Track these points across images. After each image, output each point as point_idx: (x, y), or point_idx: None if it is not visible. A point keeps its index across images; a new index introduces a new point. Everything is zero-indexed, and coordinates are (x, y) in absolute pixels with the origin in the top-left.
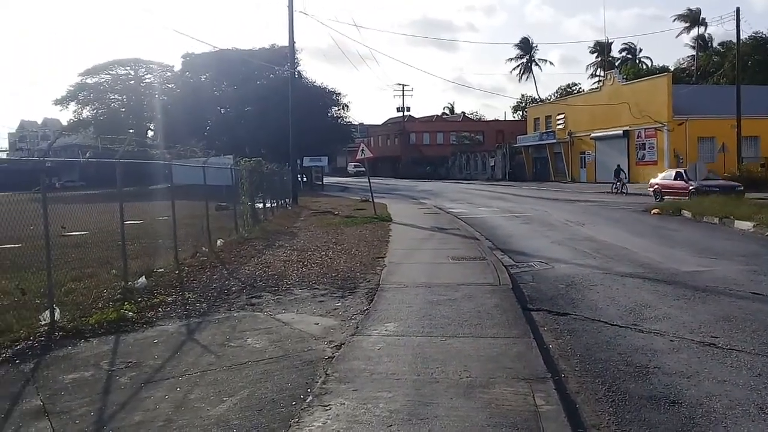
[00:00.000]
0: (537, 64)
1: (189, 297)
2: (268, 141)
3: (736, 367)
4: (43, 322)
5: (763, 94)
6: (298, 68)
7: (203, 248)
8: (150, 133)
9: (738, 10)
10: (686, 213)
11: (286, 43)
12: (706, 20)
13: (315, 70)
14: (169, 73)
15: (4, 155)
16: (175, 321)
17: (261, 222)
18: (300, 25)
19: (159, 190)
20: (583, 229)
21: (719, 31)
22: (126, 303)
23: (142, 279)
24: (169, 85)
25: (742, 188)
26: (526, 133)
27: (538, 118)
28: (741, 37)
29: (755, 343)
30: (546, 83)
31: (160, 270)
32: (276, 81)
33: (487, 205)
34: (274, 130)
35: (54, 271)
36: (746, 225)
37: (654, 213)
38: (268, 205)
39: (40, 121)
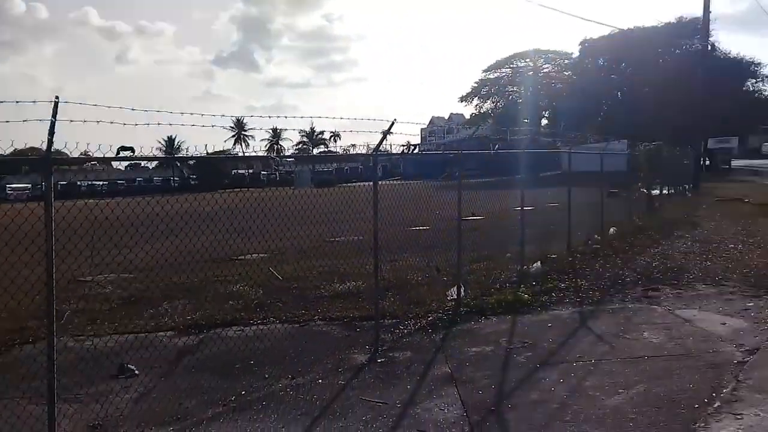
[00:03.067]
0: None
1: (581, 284)
2: (666, 123)
3: None
4: (449, 298)
5: None
6: (710, 39)
7: (595, 236)
8: (544, 122)
9: None
10: None
11: (696, 12)
12: None
13: (728, 41)
14: (566, 61)
15: (417, 148)
16: (568, 307)
17: (656, 210)
18: None
19: (550, 176)
20: None
21: None
22: (521, 286)
23: (537, 264)
24: (566, 73)
25: None
26: None
27: None
28: None
29: None
30: None
31: (553, 256)
32: (680, 58)
33: None
34: (673, 111)
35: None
36: None
37: None
38: (664, 191)
39: (446, 116)
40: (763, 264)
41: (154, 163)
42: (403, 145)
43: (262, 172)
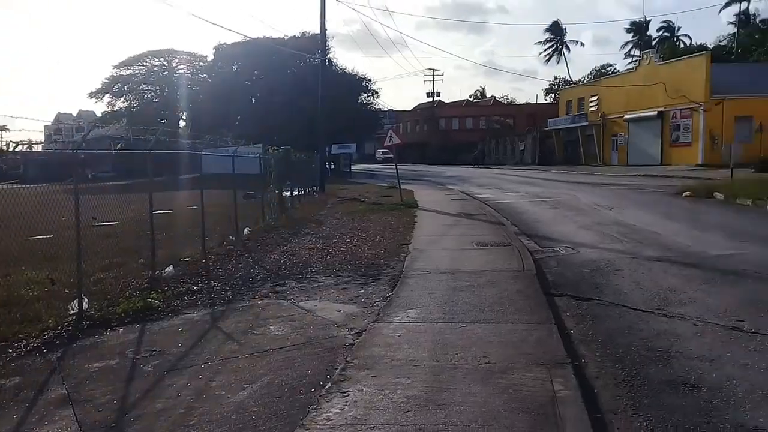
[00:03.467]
0: (567, 48)
1: (215, 285)
2: (297, 129)
3: (760, 351)
4: (71, 312)
5: None
6: (328, 55)
7: (230, 237)
8: (182, 123)
9: None
10: (718, 195)
11: (316, 30)
12: None
13: (345, 58)
14: (201, 64)
15: (39, 147)
16: (200, 309)
17: (288, 210)
18: (331, 12)
19: (188, 179)
20: (612, 213)
21: (763, 6)
22: (153, 292)
23: (170, 268)
24: (202, 76)
25: None
26: (557, 116)
27: (571, 100)
28: None
29: None
30: (579, 64)
31: (188, 259)
32: (306, 69)
33: (515, 190)
34: (303, 117)
35: (84, 261)
36: None
37: (685, 196)
38: (295, 193)
39: (75, 114)
40: (372, 255)
41: None
42: (23, 143)
43: None
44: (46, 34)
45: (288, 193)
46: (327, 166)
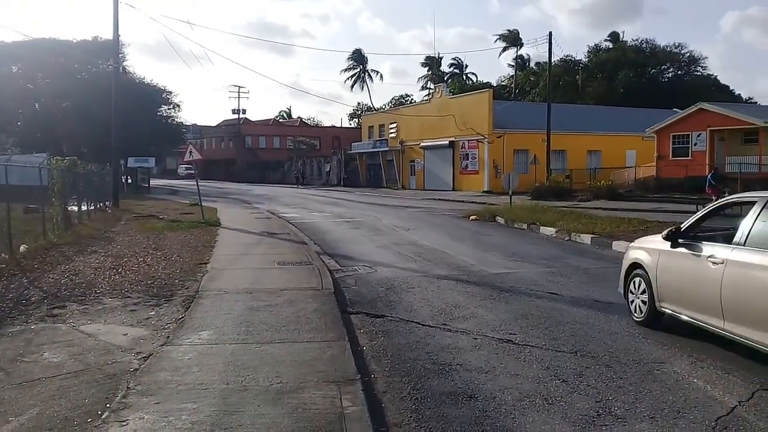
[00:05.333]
0: (370, 76)
1: None
2: (89, 139)
3: (528, 362)
4: None
5: (571, 112)
6: (123, 63)
7: (2, 255)
8: None
9: (550, 34)
10: (500, 219)
11: (110, 35)
12: (523, 42)
13: (144, 67)
14: None
15: None
16: None
17: (75, 226)
18: (128, 19)
19: None
20: (408, 233)
21: (535, 52)
22: None
23: None
24: None
25: None
26: (361, 140)
27: (372, 126)
28: (552, 59)
29: (546, 339)
30: (380, 92)
31: None
32: (99, 75)
33: (320, 210)
34: (96, 127)
35: None
36: (550, 230)
37: (472, 219)
38: (84, 207)
39: None
40: (165, 274)
41: None
42: None
43: None
44: None
45: (76, 208)
46: (123, 180)
